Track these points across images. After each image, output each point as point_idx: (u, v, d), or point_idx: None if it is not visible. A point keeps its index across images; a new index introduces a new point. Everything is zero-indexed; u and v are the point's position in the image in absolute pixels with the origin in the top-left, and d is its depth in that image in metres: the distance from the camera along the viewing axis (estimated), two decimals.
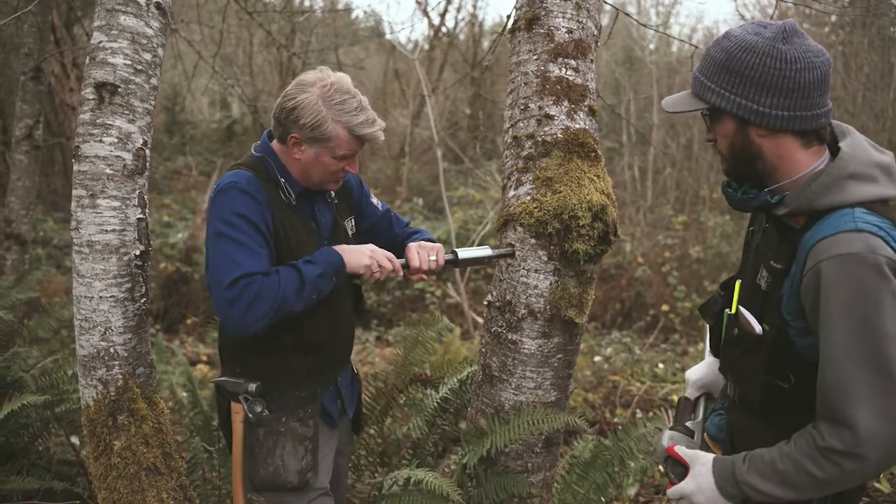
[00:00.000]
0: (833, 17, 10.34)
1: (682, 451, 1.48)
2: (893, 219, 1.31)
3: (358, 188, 2.08)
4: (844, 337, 1.23)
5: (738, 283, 1.52)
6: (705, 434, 1.70)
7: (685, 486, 1.42)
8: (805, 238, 1.31)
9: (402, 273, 1.84)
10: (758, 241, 1.51)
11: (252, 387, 1.75)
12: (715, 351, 1.71)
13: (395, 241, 2.08)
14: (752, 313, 1.44)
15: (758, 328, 1.41)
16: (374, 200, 2.10)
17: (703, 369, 1.75)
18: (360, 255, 1.76)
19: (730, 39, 1.36)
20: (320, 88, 1.71)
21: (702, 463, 1.42)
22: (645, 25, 3.66)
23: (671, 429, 1.66)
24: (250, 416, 1.75)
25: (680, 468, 1.48)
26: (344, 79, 1.76)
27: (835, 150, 1.38)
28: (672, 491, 1.45)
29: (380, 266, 1.78)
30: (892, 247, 1.24)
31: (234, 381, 1.78)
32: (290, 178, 1.81)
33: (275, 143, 1.83)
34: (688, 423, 1.68)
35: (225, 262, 1.61)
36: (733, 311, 1.50)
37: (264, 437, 1.77)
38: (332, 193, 1.96)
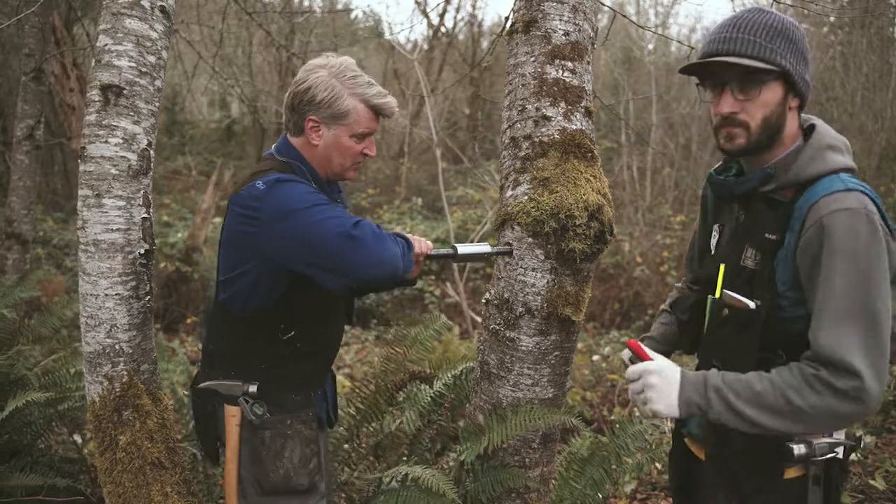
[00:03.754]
0: (832, 17, 10.37)
1: (647, 348, 1.47)
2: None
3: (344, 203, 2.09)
4: (845, 289, 1.28)
5: (721, 267, 1.54)
6: (686, 431, 1.71)
7: (648, 364, 1.41)
8: (797, 205, 1.38)
9: None
10: (736, 228, 1.55)
11: (252, 388, 1.72)
12: (691, 346, 1.72)
13: None
14: (738, 293, 1.46)
15: (751, 304, 1.43)
16: None
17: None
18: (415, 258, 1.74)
19: (768, 11, 1.42)
20: (330, 69, 1.71)
21: (668, 362, 1.43)
22: (642, 27, 3.70)
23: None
24: (253, 418, 1.70)
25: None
26: (350, 60, 1.76)
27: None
28: (631, 370, 1.43)
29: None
30: (876, 204, 1.34)
31: (229, 383, 1.74)
32: (320, 182, 1.79)
33: (294, 140, 1.79)
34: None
35: (332, 221, 1.56)
36: (718, 294, 1.52)
37: (271, 440, 1.73)
38: (339, 196, 1.96)
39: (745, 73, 1.40)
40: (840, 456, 1.45)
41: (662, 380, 1.38)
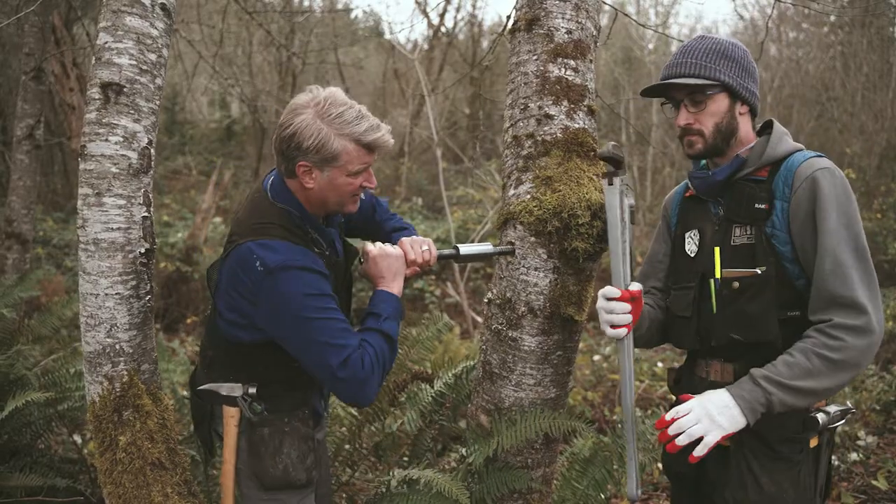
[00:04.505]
0: (832, 17, 10.36)
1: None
2: None
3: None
4: (836, 227, 1.52)
5: (717, 250, 1.72)
6: None
7: (690, 401, 1.56)
8: (778, 176, 1.64)
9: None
10: (718, 220, 1.75)
11: (252, 390, 1.75)
12: (693, 339, 1.77)
13: (379, 230, 2.05)
14: (739, 268, 1.65)
15: (757, 270, 1.61)
16: None
17: None
18: (399, 280, 1.79)
19: (710, 37, 1.71)
20: (314, 107, 1.62)
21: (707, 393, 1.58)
22: (644, 26, 3.68)
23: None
24: (252, 416, 1.74)
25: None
26: (336, 92, 1.67)
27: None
28: (677, 410, 1.57)
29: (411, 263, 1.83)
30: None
31: (229, 385, 1.77)
32: (316, 225, 1.76)
33: (289, 182, 1.72)
34: None
35: (326, 346, 1.59)
36: (719, 274, 1.70)
37: (270, 437, 1.76)
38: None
39: (693, 90, 1.67)
40: (842, 424, 1.69)
41: (713, 403, 1.53)
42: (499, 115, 12.92)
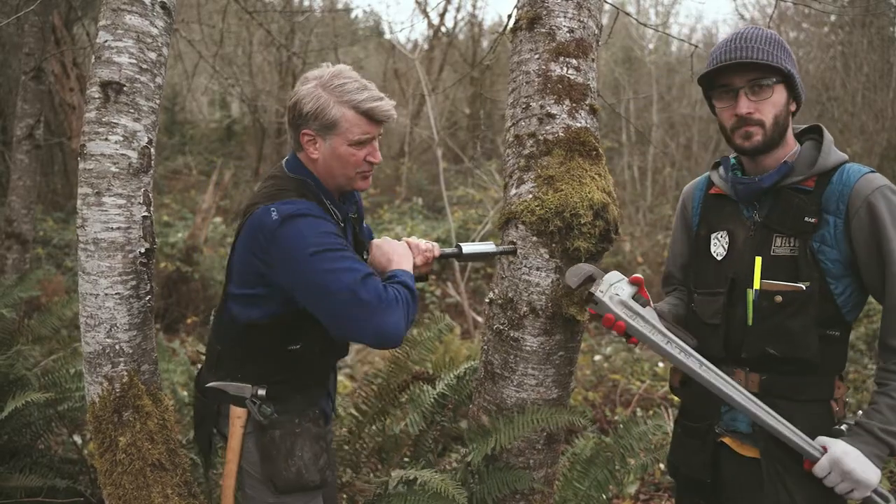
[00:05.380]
0: (832, 17, 10.35)
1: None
2: None
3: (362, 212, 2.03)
4: None
5: (758, 260, 1.63)
6: (724, 429, 1.70)
7: (831, 454, 1.48)
8: (828, 191, 1.57)
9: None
10: (755, 226, 1.66)
11: (262, 391, 1.73)
12: (723, 348, 1.68)
13: None
14: (780, 280, 1.59)
15: (802, 285, 1.55)
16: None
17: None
18: (408, 262, 1.77)
19: (762, 28, 1.61)
20: (318, 79, 1.68)
21: (836, 442, 1.51)
22: (645, 25, 3.68)
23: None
24: (261, 419, 1.72)
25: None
26: (344, 67, 1.72)
27: None
28: (821, 466, 1.50)
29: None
30: None
31: (237, 385, 1.75)
32: (332, 198, 1.76)
33: (300, 156, 1.76)
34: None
35: (343, 271, 1.54)
36: (758, 285, 1.61)
37: (281, 439, 1.74)
38: (354, 207, 1.92)
39: (756, 78, 1.56)
40: None
41: (853, 459, 1.47)
42: (499, 115, 12.92)
